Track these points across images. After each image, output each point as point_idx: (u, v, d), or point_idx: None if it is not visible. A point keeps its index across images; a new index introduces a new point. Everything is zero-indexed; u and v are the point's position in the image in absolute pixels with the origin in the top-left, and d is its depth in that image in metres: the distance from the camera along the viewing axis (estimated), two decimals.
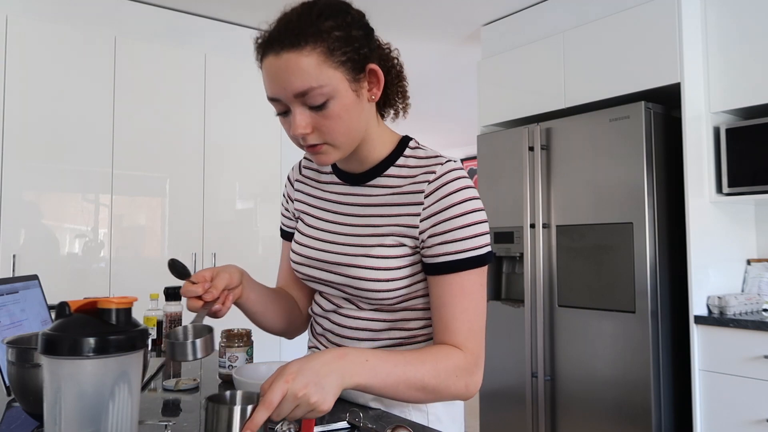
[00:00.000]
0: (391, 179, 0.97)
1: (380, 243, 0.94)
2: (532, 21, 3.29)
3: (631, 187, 2.58)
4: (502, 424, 3.08)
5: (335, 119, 0.88)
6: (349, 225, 0.99)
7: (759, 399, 2.29)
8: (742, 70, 2.55)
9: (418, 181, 0.94)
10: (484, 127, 3.46)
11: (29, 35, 2.80)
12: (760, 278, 2.68)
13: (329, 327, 1.05)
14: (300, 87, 0.85)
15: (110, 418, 0.68)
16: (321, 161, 0.92)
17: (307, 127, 0.88)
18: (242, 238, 3.39)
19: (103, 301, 0.72)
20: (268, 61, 0.87)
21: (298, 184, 1.11)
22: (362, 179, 1.00)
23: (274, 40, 0.86)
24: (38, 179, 2.79)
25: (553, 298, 2.87)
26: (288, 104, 0.88)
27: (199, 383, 1.23)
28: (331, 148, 0.91)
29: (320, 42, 0.85)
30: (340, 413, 0.98)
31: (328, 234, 1.02)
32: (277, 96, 0.88)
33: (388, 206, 0.96)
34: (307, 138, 0.89)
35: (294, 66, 0.84)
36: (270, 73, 0.87)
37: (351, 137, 0.91)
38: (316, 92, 0.85)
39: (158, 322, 1.73)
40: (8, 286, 1.25)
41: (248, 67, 3.44)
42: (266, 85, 0.89)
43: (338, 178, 1.03)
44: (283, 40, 0.85)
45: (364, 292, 0.95)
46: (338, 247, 0.99)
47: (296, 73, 0.84)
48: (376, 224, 0.96)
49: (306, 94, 0.85)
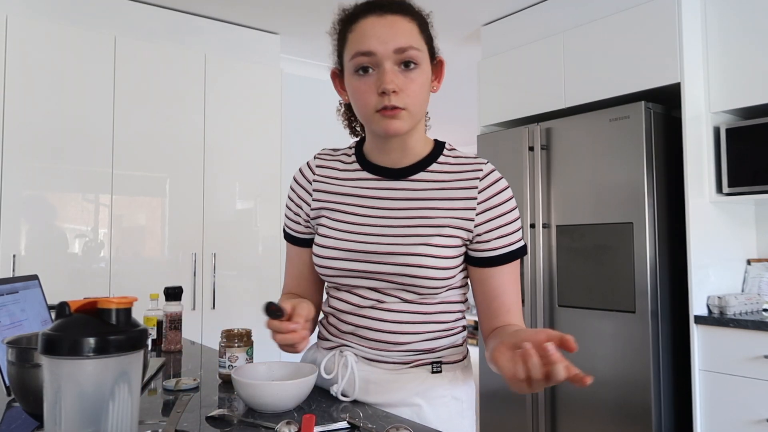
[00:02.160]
0: (436, 174, 1.03)
1: (438, 233, 0.99)
2: (532, 21, 3.29)
3: (631, 187, 2.58)
4: (502, 424, 3.08)
5: (418, 84, 0.96)
6: (396, 217, 1.02)
7: (759, 399, 2.29)
8: (742, 70, 2.55)
9: (468, 178, 1.02)
10: (484, 127, 3.46)
11: (29, 35, 2.80)
12: (760, 278, 2.68)
13: (365, 323, 1.03)
14: (402, 43, 0.94)
15: (110, 418, 0.68)
16: (395, 128, 0.96)
17: (397, 83, 0.94)
18: (242, 238, 3.39)
19: (103, 301, 0.72)
20: (369, 20, 0.96)
21: (317, 184, 1.10)
22: (403, 174, 1.04)
23: (376, 4, 0.97)
24: (38, 179, 2.79)
25: (553, 298, 2.87)
26: (381, 60, 0.94)
27: (199, 383, 1.23)
28: (406, 115, 0.96)
29: (417, 18, 0.99)
30: (340, 413, 0.98)
31: (368, 227, 1.02)
32: (374, 50, 0.94)
33: (440, 200, 1.01)
34: (392, 97, 0.94)
35: (399, 25, 0.95)
36: (371, 29, 0.95)
37: (420, 111, 0.99)
38: (413, 52, 0.95)
39: (158, 322, 1.73)
40: (8, 286, 1.25)
41: (248, 67, 3.46)
42: (362, 40, 0.95)
43: (371, 174, 1.06)
44: (388, 6, 0.97)
45: (421, 280, 0.97)
46: (388, 238, 1.00)
47: (400, 31, 0.95)
48: (430, 216, 1.00)
49: (404, 51, 0.94)
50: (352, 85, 0.99)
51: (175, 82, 3.21)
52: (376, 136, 1.03)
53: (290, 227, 1.14)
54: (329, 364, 1.07)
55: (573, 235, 2.81)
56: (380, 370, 1.03)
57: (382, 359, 1.03)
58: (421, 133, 1.05)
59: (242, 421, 0.95)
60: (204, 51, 3.36)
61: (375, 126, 0.98)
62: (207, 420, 0.97)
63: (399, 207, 1.02)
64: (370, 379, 1.03)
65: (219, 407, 1.04)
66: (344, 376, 1.03)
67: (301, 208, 1.11)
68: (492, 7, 3.34)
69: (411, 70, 0.96)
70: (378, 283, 1.01)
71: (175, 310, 1.65)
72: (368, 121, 0.99)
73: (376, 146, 1.05)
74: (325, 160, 1.12)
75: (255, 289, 3.40)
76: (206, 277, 3.25)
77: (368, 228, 1.02)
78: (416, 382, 1.02)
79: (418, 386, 1.02)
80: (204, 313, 3.23)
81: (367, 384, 1.03)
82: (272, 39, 3.69)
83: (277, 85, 3.58)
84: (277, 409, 0.99)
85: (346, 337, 1.06)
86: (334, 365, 1.06)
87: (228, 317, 3.26)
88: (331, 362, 1.07)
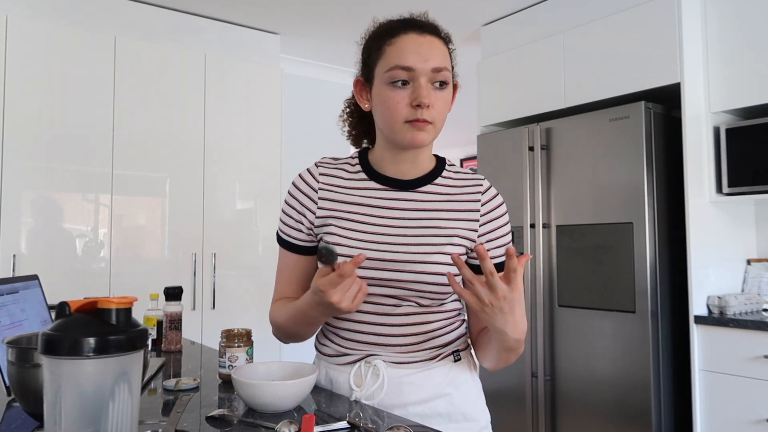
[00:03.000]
0: (441, 187, 1.10)
1: (449, 242, 1.05)
2: (532, 21, 3.29)
3: (631, 187, 2.58)
4: (502, 424, 3.08)
5: (445, 102, 1.04)
6: (408, 227, 1.06)
7: (759, 399, 2.29)
8: (742, 70, 2.55)
9: (471, 192, 1.10)
10: (484, 127, 3.46)
11: (29, 35, 2.80)
12: (760, 278, 2.68)
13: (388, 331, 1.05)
14: (439, 63, 1.02)
15: (110, 418, 0.68)
16: (421, 139, 1.02)
17: (430, 99, 1.01)
18: (242, 238, 3.39)
19: (103, 301, 0.72)
20: (410, 36, 1.02)
21: (322, 192, 1.10)
22: (412, 185, 1.09)
23: (415, 23, 1.05)
24: (38, 179, 2.79)
25: (553, 298, 2.87)
26: (418, 76, 1.01)
27: (199, 383, 1.23)
28: (432, 129, 1.03)
29: (448, 42, 1.08)
30: (340, 413, 0.98)
31: (382, 236, 1.05)
32: (414, 65, 1.00)
33: (447, 211, 1.08)
34: (424, 112, 1.00)
35: (436, 46, 1.03)
36: (412, 46, 1.02)
37: (441, 126, 1.06)
38: (446, 73, 1.03)
39: (158, 322, 1.73)
40: (8, 286, 1.25)
41: (248, 67, 3.46)
42: (402, 55, 1.01)
43: (379, 184, 1.10)
44: (426, 26, 1.05)
45: (436, 287, 1.03)
46: (403, 246, 1.04)
47: (437, 52, 1.03)
48: (440, 226, 1.06)
49: (440, 71, 1.02)
50: (384, 94, 1.03)
51: (175, 82, 3.21)
52: (391, 147, 1.07)
53: (289, 234, 1.12)
54: (356, 377, 1.07)
55: (573, 235, 2.81)
56: (411, 371, 1.06)
57: (410, 360, 1.07)
58: (431, 149, 1.12)
59: (242, 421, 0.95)
60: (204, 51, 3.36)
61: (401, 135, 1.02)
62: (207, 420, 0.97)
63: (410, 217, 1.07)
64: (402, 381, 1.06)
65: (219, 407, 1.04)
66: (374, 385, 1.05)
67: (304, 215, 1.10)
68: (492, 7, 3.34)
69: (441, 89, 1.03)
70: (395, 290, 1.04)
71: (175, 310, 1.65)
72: (394, 131, 1.03)
73: (388, 157, 1.09)
74: (327, 167, 1.12)
75: (255, 289, 3.40)
76: (206, 277, 3.25)
77: (383, 237, 1.05)
78: (444, 373, 1.08)
79: (446, 376, 1.08)
80: (204, 313, 3.23)
81: (401, 386, 1.05)
82: (272, 39, 3.70)
83: (277, 85, 3.58)
84: (277, 409, 0.99)
85: (370, 348, 1.07)
86: (361, 377, 1.06)
87: (228, 317, 3.26)
88: (358, 374, 1.07)
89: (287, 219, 1.12)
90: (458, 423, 1.06)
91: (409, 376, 1.06)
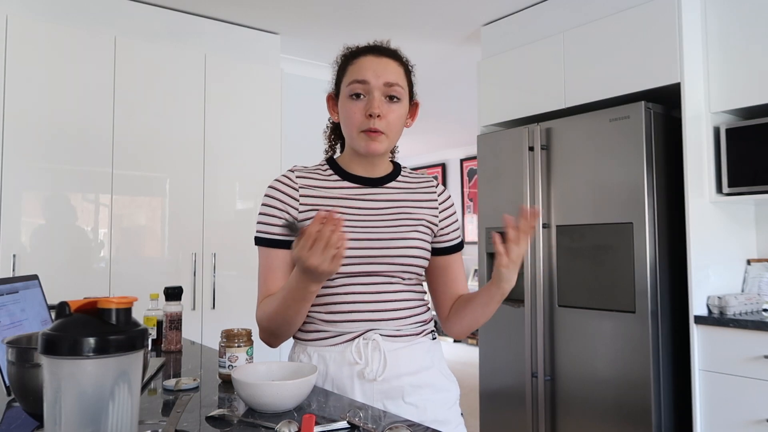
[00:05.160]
0: (403, 183, 1.29)
1: (420, 224, 1.24)
2: (532, 21, 3.29)
3: (631, 187, 2.59)
4: (502, 424, 3.08)
5: (397, 116, 1.19)
6: (384, 214, 1.22)
7: (759, 399, 2.29)
8: (742, 70, 2.55)
9: (428, 187, 1.31)
10: (484, 127, 3.46)
11: (29, 35, 2.80)
12: (760, 278, 2.68)
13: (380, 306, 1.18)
14: (391, 79, 1.18)
15: (110, 418, 0.68)
16: (374, 148, 1.17)
17: (382, 110, 1.16)
18: (242, 238, 3.39)
19: (103, 301, 0.72)
20: (368, 58, 1.19)
21: (303, 190, 1.21)
22: (380, 182, 1.26)
23: (375, 47, 1.22)
24: (38, 179, 2.79)
25: (553, 298, 2.87)
26: (372, 89, 1.16)
27: (199, 383, 1.24)
28: (385, 139, 1.18)
29: (404, 65, 1.24)
30: (340, 413, 0.98)
31: (365, 221, 1.19)
32: (368, 79, 1.17)
33: (412, 201, 1.27)
34: (377, 121, 1.16)
35: (390, 66, 1.20)
36: (369, 64, 1.18)
37: (396, 138, 1.22)
38: (398, 88, 1.19)
39: (158, 322, 1.73)
40: (8, 286, 1.25)
41: (248, 67, 3.46)
42: (359, 71, 1.18)
43: (352, 182, 1.24)
44: (384, 50, 1.22)
45: (416, 259, 1.21)
46: (382, 228, 1.19)
47: (390, 70, 1.19)
48: (409, 213, 1.24)
49: (392, 86, 1.17)
50: (344, 106, 1.19)
51: (175, 82, 3.21)
52: (355, 153, 1.24)
53: (271, 232, 1.17)
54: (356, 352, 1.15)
55: (573, 235, 2.81)
56: (403, 343, 1.19)
57: (401, 333, 1.19)
58: (387, 156, 1.29)
59: (242, 421, 0.95)
60: (204, 51, 3.36)
61: (357, 143, 1.19)
62: (207, 420, 0.97)
63: (383, 207, 1.23)
64: (399, 354, 1.17)
65: (219, 407, 1.04)
66: (375, 358, 1.15)
67: (287, 212, 1.18)
68: (492, 7, 3.35)
69: (394, 102, 1.19)
70: (383, 266, 1.17)
71: (175, 310, 1.65)
72: (353, 138, 1.19)
73: (353, 160, 1.25)
74: (301, 172, 1.24)
75: (255, 289, 3.40)
76: (206, 277, 3.25)
77: (364, 222, 1.19)
78: (426, 348, 1.23)
79: (428, 351, 1.23)
80: (204, 313, 3.23)
81: (398, 358, 1.17)
82: (272, 39, 3.70)
83: (277, 85, 3.58)
84: (277, 409, 0.99)
85: (368, 324, 1.17)
86: (361, 352, 1.15)
87: (228, 317, 3.26)
88: (357, 350, 1.15)
89: (269, 219, 1.18)
90: (440, 393, 1.21)
91: (402, 348, 1.18)
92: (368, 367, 1.14)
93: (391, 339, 1.18)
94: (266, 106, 3.53)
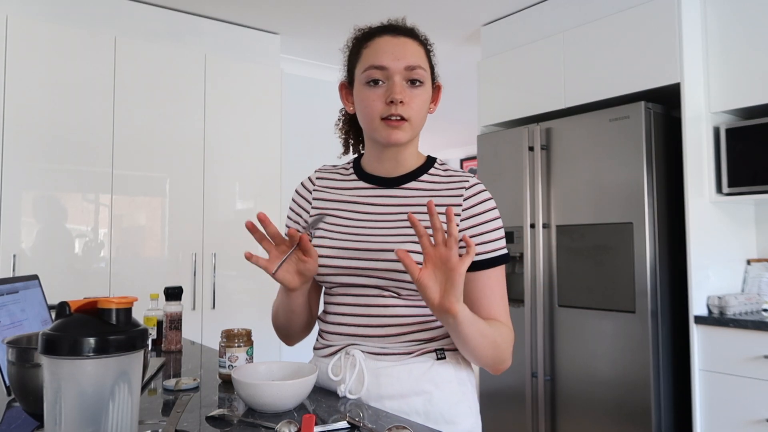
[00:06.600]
0: (426, 184, 1.12)
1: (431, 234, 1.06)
2: (532, 21, 3.29)
3: (631, 187, 2.58)
4: (502, 424, 3.08)
5: (421, 101, 1.07)
6: (386, 220, 1.10)
7: (759, 399, 2.29)
8: (742, 70, 2.55)
9: (455, 188, 1.10)
10: (484, 127, 3.46)
11: (29, 35, 2.80)
12: (760, 278, 2.68)
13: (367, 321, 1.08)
14: (412, 62, 1.06)
15: (110, 418, 0.68)
16: (397, 137, 1.06)
17: (404, 96, 1.04)
18: (242, 238, 3.39)
19: (103, 301, 0.72)
20: (384, 38, 1.07)
21: (316, 193, 1.19)
22: (396, 182, 1.13)
23: (390, 27, 1.10)
24: (38, 179, 2.79)
25: (553, 298, 2.87)
26: (392, 74, 1.05)
27: (199, 383, 1.23)
28: (408, 127, 1.06)
29: (424, 44, 1.12)
30: (340, 413, 0.98)
31: (361, 228, 1.10)
32: (387, 64, 1.05)
33: None
34: (399, 108, 1.04)
35: (410, 46, 1.07)
36: (386, 46, 1.06)
37: (420, 125, 1.09)
38: (420, 71, 1.06)
39: (158, 322, 1.73)
40: (8, 286, 1.25)
41: (248, 67, 3.46)
42: (376, 55, 1.06)
43: (367, 183, 1.15)
44: (401, 29, 1.09)
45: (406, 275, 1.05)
46: (378, 238, 1.07)
47: (410, 52, 1.07)
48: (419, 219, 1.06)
49: (413, 69, 1.06)
50: (361, 94, 1.08)
51: (175, 82, 3.21)
52: (375, 146, 1.12)
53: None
54: (335, 367, 1.10)
55: (573, 235, 2.81)
56: (388, 363, 1.06)
57: (388, 351, 1.07)
58: (415, 148, 1.15)
59: (242, 421, 0.95)
60: (204, 51, 3.36)
61: (378, 133, 1.07)
62: (207, 420, 0.97)
63: (390, 212, 1.11)
64: (380, 373, 1.05)
65: (219, 407, 1.04)
66: (352, 375, 1.06)
67: (300, 216, 1.19)
68: (492, 7, 3.35)
69: (416, 87, 1.06)
70: (373, 280, 1.07)
71: (175, 310, 1.65)
72: (372, 129, 1.07)
73: (374, 156, 1.14)
74: (324, 173, 1.22)
75: (255, 289, 3.40)
76: (206, 277, 3.25)
77: (362, 229, 1.10)
78: (424, 369, 1.06)
79: (426, 373, 1.05)
80: (204, 313, 3.23)
81: (378, 378, 1.05)
82: (272, 39, 3.70)
83: (277, 85, 3.58)
84: (277, 409, 0.99)
85: (351, 339, 1.10)
86: (341, 367, 1.09)
87: (228, 317, 3.26)
88: (337, 365, 1.10)
89: (288, 222, 1.22)
90: (437, 424, 1.03)
91: (387, 368, 1.05)
92: (343, 384, 1.07)
93: (374, 357, 1.06)
94: (266, 106, 3.53)
